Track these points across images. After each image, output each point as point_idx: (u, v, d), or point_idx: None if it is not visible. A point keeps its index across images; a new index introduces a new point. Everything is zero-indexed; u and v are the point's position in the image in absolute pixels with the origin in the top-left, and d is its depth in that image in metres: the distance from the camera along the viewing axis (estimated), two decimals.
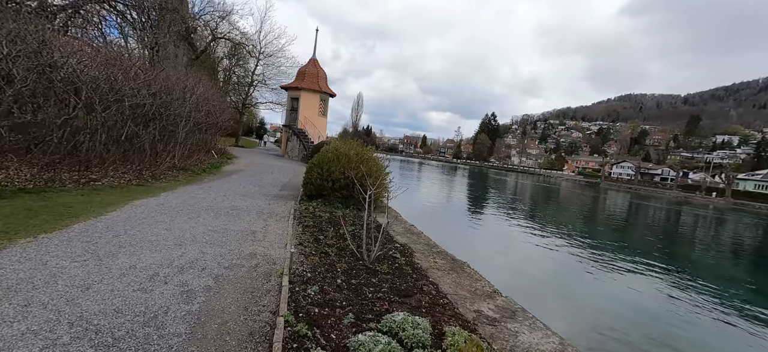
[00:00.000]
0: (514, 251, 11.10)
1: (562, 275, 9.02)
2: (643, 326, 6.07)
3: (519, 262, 9.80)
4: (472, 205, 22.92)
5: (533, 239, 12.79)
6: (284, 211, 6.76)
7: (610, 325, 5.94)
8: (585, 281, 8.58)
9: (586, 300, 7.36)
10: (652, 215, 27.79)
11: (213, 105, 15.92)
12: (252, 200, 7.40)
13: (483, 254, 9.74)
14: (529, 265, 9.57)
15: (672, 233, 19.36)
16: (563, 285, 8.28)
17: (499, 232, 14.51)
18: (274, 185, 10.28)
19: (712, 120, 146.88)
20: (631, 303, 7.31)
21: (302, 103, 23.23)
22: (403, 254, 5.01)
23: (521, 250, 11.26)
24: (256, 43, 27.42)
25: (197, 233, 4.60)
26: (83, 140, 7.45)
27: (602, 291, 7.95)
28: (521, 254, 10.65)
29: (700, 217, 29.92)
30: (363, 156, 8.17)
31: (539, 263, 9.88)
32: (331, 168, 7.82)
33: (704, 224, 25.63)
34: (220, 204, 6.57)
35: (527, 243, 12.02)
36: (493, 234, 13.97)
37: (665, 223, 23.87)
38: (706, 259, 13.32)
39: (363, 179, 7.78)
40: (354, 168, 7.80)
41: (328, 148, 8.32)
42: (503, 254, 10.50)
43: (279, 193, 8.93)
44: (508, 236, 13.54)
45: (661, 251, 13.47)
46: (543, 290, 7.68)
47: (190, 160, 11.82)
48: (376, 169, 8.27)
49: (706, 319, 6.79)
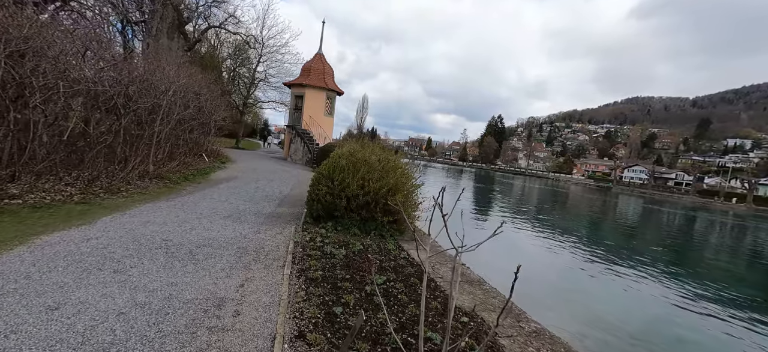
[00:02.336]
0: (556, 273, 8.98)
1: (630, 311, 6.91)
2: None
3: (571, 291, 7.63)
4: (485, 210, 21.09)
5: (573, 260, 10.68)
6: (279, 246, 4.61)
7: None
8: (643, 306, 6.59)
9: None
10: (677, 224, 25.65)
11: (205, 101, 13.89)
12: (235, 226, 5.27)
13: (534, 281, 7.66)
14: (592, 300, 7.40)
15: (709, 245, 17.38)
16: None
17: (525, 242, 12.62)
18: (270, 198, 8.15)
19: (723, 123, 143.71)
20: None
21: (307, 102, 21.15)
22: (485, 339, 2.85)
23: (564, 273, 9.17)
24: (258, 37, 25.43)
25: (109, 313, 2.46)
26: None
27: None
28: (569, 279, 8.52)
29: (728, 225, 27.70)
30: (389, 164, 6.04)
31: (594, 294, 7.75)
32: (345, 180, 5.68)
33: (735, 234, 23.49)
34: (183, 236, 4.44)
35: (569, 265, 9.99)
36: (516, 243, 12.13)
37: (698, 233, 21.73)
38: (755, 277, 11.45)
39: (390, 195, 5.64)
40: (377, 180, 5.67)
41: (341, 154, 6.18)
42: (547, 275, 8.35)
43: (275, 211, 6.79)
44: (538, 250, 11.65)
45: (705, 266, 11.86)
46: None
47: (171, 165, 9.74)
48: (406, 182, 6.14)
49: None
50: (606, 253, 11.98)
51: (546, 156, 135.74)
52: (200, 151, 13.56)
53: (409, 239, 6.03)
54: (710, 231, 23.31)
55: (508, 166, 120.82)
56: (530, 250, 11.65)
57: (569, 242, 13.42)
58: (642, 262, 11.02)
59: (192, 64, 20.37)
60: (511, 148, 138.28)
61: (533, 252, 11.43)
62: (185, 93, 11.06)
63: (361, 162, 5.86)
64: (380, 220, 5.71)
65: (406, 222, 3.51)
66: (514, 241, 13.01)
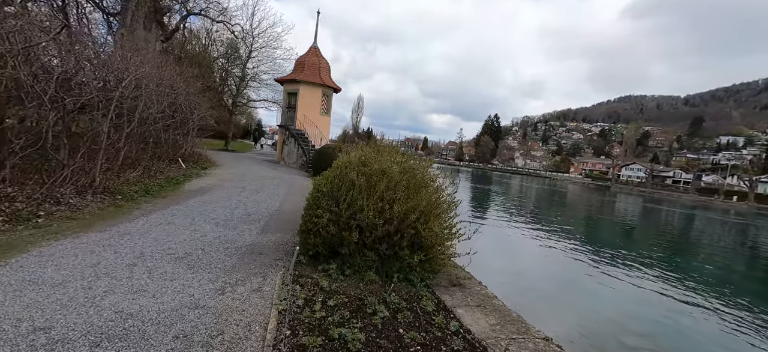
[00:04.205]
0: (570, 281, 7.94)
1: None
2: None
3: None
4: (485, 210, 19.84)
5: (586, 267, 9.58)
6: (251, 326, 2.77)
7: None
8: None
9: None
10: (685, 225, 24.70)
11: (183, 97, 11.95)
12: (187, 279, 3.40)
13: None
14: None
15: (724, 248, 16.54)
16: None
17: (532, 245, 12.25)
18: (253, 217, 6.28)
19: (715, 121, 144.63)
20: None
21: (301, 99, 19.22)
22: None
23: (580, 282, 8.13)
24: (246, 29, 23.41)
25: None
26: None
27: None
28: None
29: (733, 225, 26.83)
30: (418, 177, 4.23)
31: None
32: (357, 202, 3.85)
33: (745, 234, 22.54)
34: (78, 317, 2.58)
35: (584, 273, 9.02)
36: (522, 246, 12.00)
37: (712, 236, 20.72)
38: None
39: (420, 222, 3.87)
40: (404, 202, 3.87)
41: (349, 163, 4.34)
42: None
43: (256, 241, 4.93)
44: (548, 254, 11.05)
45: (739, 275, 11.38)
46: None
47: (131, 175, 7.81)
48: (437, 201, 4.34)
49: None
50: (622, 258, 11.32)
51: (543, 155, 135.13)
52: (176, 155, 11.61)
53: (446, 283, 4.24)
54: (724, 232, 22.43)
55: (504, 165, 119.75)
56: (538, 252, 11.23)
57: (580, 244, 12.90)
58: (664, 268, 10.49)
59: (181, 61, 18.35)
60: (507, 148, 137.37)
61: (541, 254, 11.02)
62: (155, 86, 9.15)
63: (378, 175, 4.04)
64: (408, 259, 3.91)
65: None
66: (519, 243, 12.58)
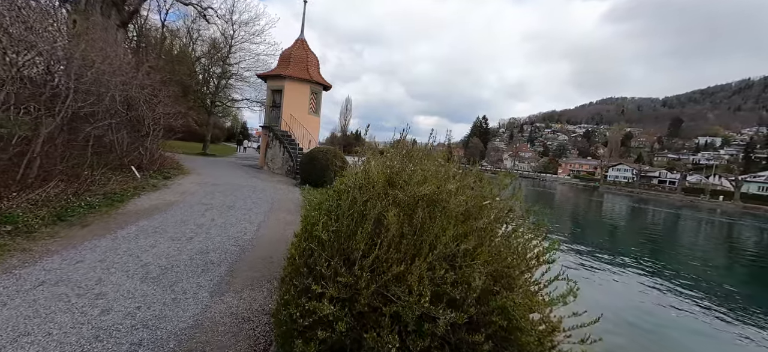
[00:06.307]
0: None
1: None
2: None
3: None
4: None
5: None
6: None
7: None
8: None
9: None
10: (676, 224, 24.48)
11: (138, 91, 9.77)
12: None
13: None
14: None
15: (718, 248, 16.28)
16: None
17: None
18: (211, 258, 4.26)
19: (693, 122, 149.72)
20: None
21: (287, 97, 17.13)
22: None
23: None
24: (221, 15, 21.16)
25: None
26: None
27: None
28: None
29: (723, 225, 26.73)
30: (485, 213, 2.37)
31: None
32: (387, 260, 1.96)
33: (735, 234, 22.28)
34: None
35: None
36: None
37: (705, 236, 20.37)
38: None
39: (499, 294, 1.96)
40: (485, 259, 1.97)
41: (364, 182, 2.44)
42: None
43: (201, 319, 2.96)
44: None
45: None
46: None
47: (43, 190, 5.66)
48: (521, 251, 2.47)
49: None
50: (624, 259, 10.79)
51: (531, 156, 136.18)
52: (129, 161, 9.40)
53: None
54: (715, 233, 22.12)
55: (494, 167, 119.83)
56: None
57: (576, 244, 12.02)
58: (664, 268, 10.20)
59: (143, 53, 15.99)
60: (495, 149, 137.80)
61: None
62: (98, 73, 7.01)
63: (425, 206, 2.16)
64: None
65: None
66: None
